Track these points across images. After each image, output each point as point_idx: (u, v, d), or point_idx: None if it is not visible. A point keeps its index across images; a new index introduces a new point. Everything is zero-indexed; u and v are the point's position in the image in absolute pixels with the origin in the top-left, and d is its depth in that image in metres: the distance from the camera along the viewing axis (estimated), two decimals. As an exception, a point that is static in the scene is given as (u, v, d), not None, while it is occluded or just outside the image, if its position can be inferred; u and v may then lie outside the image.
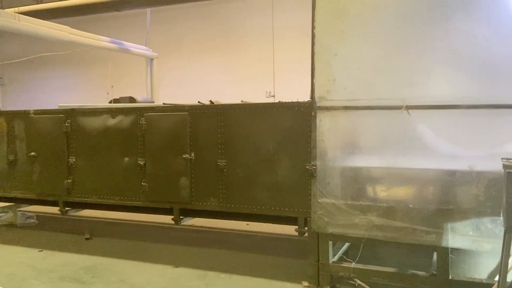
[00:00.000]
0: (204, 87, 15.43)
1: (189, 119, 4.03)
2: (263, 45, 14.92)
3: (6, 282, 3.71)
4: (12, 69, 18.01)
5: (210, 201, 4.01)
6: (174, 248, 4.76)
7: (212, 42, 15.73)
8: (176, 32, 16.32)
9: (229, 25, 15.53)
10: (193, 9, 15.43)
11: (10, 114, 4.96)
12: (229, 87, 15.09)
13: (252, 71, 15.09)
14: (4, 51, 19.34)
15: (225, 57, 15.57)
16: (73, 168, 4.58)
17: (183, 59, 16.26)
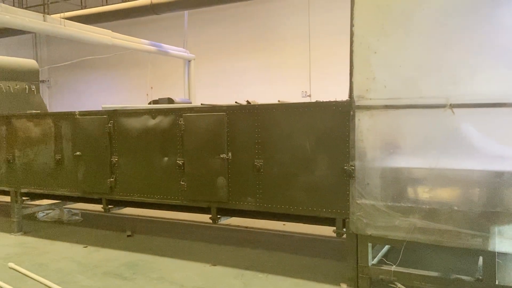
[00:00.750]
0: (240, 88, 15.55)
1: (226, 119, 4.06)
2: (299, 45, 14.87)
3: (54, 276, 3.89)
4: (58, 72, 18.89)
5: (247, 200, 4.03)
6: (212, 246, 4.82)
7: (248, 43, 15.83)
8: (213, 34, 16.55)
9: (266, 26, 15.56)
10: (230, 11, 15.58)
11: (57, 115, 5.17)
12: (265, 87, 15.14)
13: (288, 71, 15.06)
14: (50, 55, 20.32)
15: (261, 58, 15.62)
16: (115, 167, 4.72)
17: (220, 60, 16.46)
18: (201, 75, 16.74)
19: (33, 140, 5.24)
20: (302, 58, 14.80)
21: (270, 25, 15.47)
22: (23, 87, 6.60)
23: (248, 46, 15.84)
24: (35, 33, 17.27)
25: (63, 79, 20.00)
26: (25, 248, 4.86)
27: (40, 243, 5.05)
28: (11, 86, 6.43)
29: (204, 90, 16.47)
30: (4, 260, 4.38)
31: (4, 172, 5.45)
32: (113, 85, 19.01)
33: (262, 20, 15.62)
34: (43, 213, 6.26)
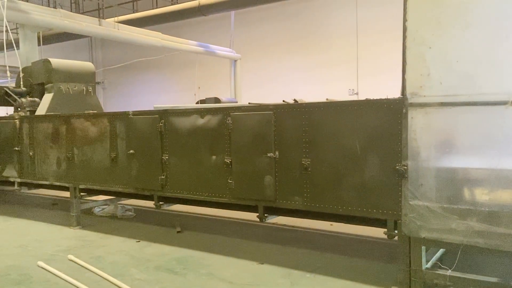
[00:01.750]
0: (286, 87, 15.52)
1: (273, 118, 4.06)
2: (346, 41, 14.59)
3: (109, 269, 4.07)
4: (111, 74, 19.79)
5: (294, 199, 4.01)
6: (258, 245, 4.84)
7: (294, 41, 15.75)
8: (259, 33, 16.63)
9: (312, 24, 15.42)
10: (276, 10, 15.58)
11: (112, 115, 5.40)
12: (311, 86, 15.01)
13: (335, 69, 14.82)
14: (105, 58, 21.30)
15: (307, 56, 15.50)
16: (166, 165, 4.86)
17: (266, 59, 16.51)
18: (247, 75, 16.88)
19: (90, 139, 5.51)
20: (349, 55, 14.52)
21: (317, 22, 15.30)
22: (81, 88, 6.98)
23: (294, 44, 15.77)
24: (91, 36, 18.21)
25: (116, 81, 20.93)
26: (83, 241, 5.13)
27: (97, 237, 5.31)
28: (70, 88, 6.81)
29: (250, 89, 16.60)
30: (64, 252, 4.65)
31: (64, 169, 5.78)
32: (162, 85, 19.63)
33: (309, 18, 15.48)
34: (99, 208, 6.58)
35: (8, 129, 6.36)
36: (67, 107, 6.56)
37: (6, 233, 5.65)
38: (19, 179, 6.37)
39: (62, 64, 6.83)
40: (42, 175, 6.04)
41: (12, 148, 6.28)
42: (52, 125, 5.88)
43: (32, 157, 6.08)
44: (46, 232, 5.65)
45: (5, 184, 7.27)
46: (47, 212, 6.95)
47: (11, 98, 6.89)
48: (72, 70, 6.91)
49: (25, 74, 7.24)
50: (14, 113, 6.87)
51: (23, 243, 5.10)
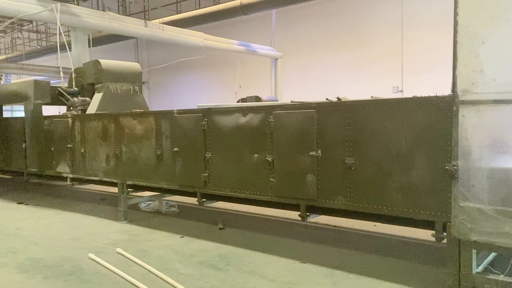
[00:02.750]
0: (327, 85, 15.33)
1: (316, 117, 4.03)
2: (390, 38, 14.20)
3: (155, 263, 4.21)
4: (156, 73, 20.38)
5: (337, 199, 3.96)
6: (300, 243, 4.83)
7: (336, 38, 15.53)
8: (300, 31, 16.53)
9: (355, 21, 15.12)
10: (318, 7, 15.42)
11: (157, 114, 5.56)
12: (353, 84, 14.73)
13: (379, 66, 14.47)
14: (150, 58, 21.97)
15: (349, 53, 15.22)
16: (209, 162, 4.94)
17: (307, 57, 16.39)
18: (288, 73, 16.83)
19: (137, 137, 5.71)
20: (393, 52, 14.11)
21: (360, 18, 14.99)
22: (128, 88, 7.24)
23: (336, 41, 15.54)
24: (137, 38, 18.83)
25: (160, 80, 21.54)
26: (130, 235, 5.33)
27: (143, 231, 5.50)
28: (119, 88, 7.09)
29: (290, 88, 16.55)
30: (112, 245, 4.85)
31: (112, 165, 6.02)
32: (204, 84, 19.98)
33: (351, 14, 15.20)
34: (145, 204, 6.81)
35: (62, 127, 6.71)
36: (115, 106, 6.83)
37: (60, 226, 5.97)
38: (71, 174, 6.72)
39: (111, 65, 7.12)
40: (93, 171, 6.33)
41: (65, 145, 6.63)
42: (101, 124, 6.15)
43: (83, 154, 6.38)
44: (96, 225, 5.91)
45: (58, 179, 7.70)
46: (96, 206, 7.28)
47: (64, 97, 7.27)
48: (120, 71, 7.19)
49: (77, 74, 7.62)
50: (67, 112, 7.24)
51: (75, 235, 5.37)
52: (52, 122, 6.87)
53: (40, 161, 6.89)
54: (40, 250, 4.78)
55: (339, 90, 11.93)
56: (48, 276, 3.96)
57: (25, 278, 3.94)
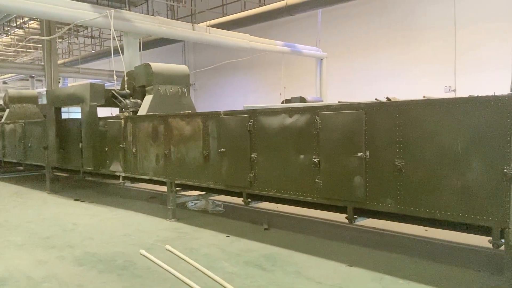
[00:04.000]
0: (374, 85, 14.97)
1: (364, 117, 3.95)
2: (442, 35, 13.63)
3: (203, 261, 4.29)
4: (202, 75, 20.82)
5: (386, 202, 3.86)
6: (347, 246, 4.75)
7: (383, 37, 15.12)
8: (346, 30, 16.26)
9: (403, 17, 14.66)
10: (364, 6, 15.10)
11: (205, 115, 5.67)
12: (402, 83, 14.28)
13: (429, 65, 13.94)
14: (196, 61, 22.47)
15: (398, 52, 14.77)
16: (254, 163, 4.98)
17: (353, 57, 16.08)
18: (333, 73, 16.59)
19: (185, 137, 5.86)
20: (445, 50, 13.53)
21: (409, 15, 14.50)
22: (176, 90, 7.45)
23: (384, 40, 15.13)
24: (184, 41, 19.33)
25: (206, 82, 21.97)
26: (178, 233, 5.48)
27: (190, 230, 5.64)
28: (168, 90, 7.31)
29: (336, 88, 16.31)
30: (162, 242, 5.01)
31: (162, 165, 6.22)
32: (249, 85, 20.14)
33: (399, 12, 14.74)
34: (192, 202, 6.97)
35: (115, 128, 7.03)
36: (165, 108, 7.05)
37: (113, 222, 6.25)
38: (124, 173, 7.01)
39: (161, 68, 7.36)
40: (143, 170, 6.57)
41: (118, 145, 6.93)
42: (151, 124, 6.37)
43: (135, 153, 6.64)
44: (146, 223, 6.13)
45: (111, 177, 8.07)
46: (146, 204, 7.54)
47: (117, 99, 7.60)
48: (170, 73, 7.41)
49: (129, 77, 7.94)
50: (120, 113, 7.57)
51: (127, 232, 5.60)
52: (106, 123, 7.21)
53: (95, 160, 7.25)
54: (95, 245, 5.03)
55: (387, 90, 11.60)
56: (102, 270, 4.16)
57: (82, 271, 4.16)
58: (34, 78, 28.56)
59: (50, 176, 8.98)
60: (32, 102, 11.75)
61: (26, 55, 32.11)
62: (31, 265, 4.35)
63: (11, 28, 24.31)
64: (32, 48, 28.29)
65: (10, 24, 23.13)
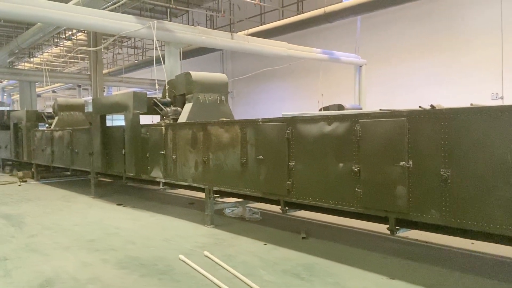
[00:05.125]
0: (415, 92, 14.56)
1: (407, 125, 3.85)
2: (488, 41, 13.10)
3: (240, 268, 4.30)
4: (239, 83, 21.04)
5: (430, 213, 3.72)
6: (388, 258, 4.60)
7: (425, 43, 14.71)
8: (386, 36, 15.95)
9: (446, 23, 14.21)
10: (405, 11, 14.77)
11: (243, 123, 5.71)
12: (444, 91, 13.82)
13: (474, 72, 13.41)
14: (234, 69, 22.76)
15: (440, 58, 14.32)
16: (292, 171, 4.95)
17: (393, 64, 15.73)
18: (372, 80, 16.29)
19: (223, 144, 5.92)
20: (491, 55, 12.96)
21: (451, 20, 14.03)
22: (215, 98, 7.57)
23: (425, 45, 14.71)
24: (223, 50, 19.66)
25: (243, 90, 22.19)
26: (215, 239, 5.53)
27: (228, 236, 5.67)
28: (207, 98, 7.44)
29: (375, 95, 15.99)
30: (200, 248, 5.07)
31: (200, 172, 6.32)
32: (286, 93, 20.14)
33: (442, 16, 14.29)
34: (229, 209, 7.02)
35: (156, 135, 7.22)
36: (204, 115, 7.17)
37: (153, 227, 6.40)
38: (164, 179, 7.17)
39: (201, 76, 7.51)
40: (182, 176, 6.69)
41: (158, 151, 7.11)
42: (191, 132, 6.49)
43: (175, 160, 6.79)
44: (185, 228, 6.23)
45: (151, 183, 8.28)
46: (185, 210, 7.67)
47: (158, 107, 7.81)
48: (209, 82, 7.55)
49: (170, 86, 8.15)
50: (161, 121, 7.77)
51: (167, 237, 5.71)
52: (147, 131, 7.43)
53: (137, 166, 7.47)
54: (137, 249, 5.16)
55: (428, 97, 11.25)
56: (144, 274, 4.26)
57: (124, 274, 4.27)
58: (81, 87, 29.96)
59: (94, 181, 9.34)
60: (79, 110, 12.31)
61: (73, 65, 33.79)
62: (77, 267, 4.52)
63: (60, 39, 25.68)
64: (79, 58, 29.73)
65: (60, 36, 24.43)
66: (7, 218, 7.13)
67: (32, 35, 15.60)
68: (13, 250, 5.19)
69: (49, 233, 6.06)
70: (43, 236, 5.85)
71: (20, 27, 21.66)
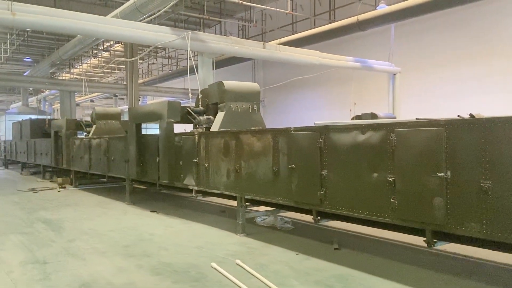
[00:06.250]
0: (451, 100, 14.13)
1: (445, 135, 3.74)
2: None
3: (272, 277, 4.27)
4: (270, 92, 21.09)
5: (469, 226, 3.58)
6: (425, 272, 4.45)
7: (462, 50, 14.29)
8: (421, 44, 15.61)
9: (485, 30, 13.77)
10: (441, 18, 14.42)
11: (275, 131, 5.71)
12: (482, 99, 13.34)
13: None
14: (265, 78, 22.87)
15: (478, 66, 13.86)
16: (325, 180, 4.89)
17: (428, 72, 15.36)
18: (406, 89, 15.94)
19: (255, 153, 5.94)
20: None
21: (491, 26, 13.57)
22: (247, 107, 7.63)
23: (462, 53, 14.28)
24: (254, 59, 19.82)
25: (275, 99, 22.23)
26: (247, 248, 5.53)
27: (259, 245, 5.66)
28: (239, 106, 7.51)
29: (409, 104, 15.63)
30: (232, 256, 5.08)
31: (232, 180, 6.36)
32: (317, 102, 20.03)
33: (480, 23, 13.85)
34: (261, 218, 7.01)
35: (189, 143, 7.34)
36: (236, 124, 7.23)
37: (186, 234, 6.48)
38: (196, 187, 7.27)
39: (233, 85, 7.59)
40: (215, 184, 6.76)
41: (191, 159, 7.22)
42: (223, 140, 6.56)
43: (207, 168, 6.87)
44: (216, 236, 6.27)
45: (184, 191, 8.40)
46: (217, 218, 7.73)
47: (192, 116, 7.95)
48: (241, 91, 7.62)
49: (203, 95, 8.29)
50: (194, 129, 7.90)
51: (199, 244, 5.77)
52: (181, 139, 7.56)
53: (170, 173, 7.61)
54: (170, 255, 5.24)
55: (465, 106, 10.88)
56: (177, 280, 4.31)
57: (157, 280, 4.34)
58: (117, 96, 30.96)
59: (129, 188, 9.58)
60: (116, 119, 12.70)
61: (111, 76, 35.01)
62: (112, 272, 4.64)
63: (98, 51, 26.71)
64: (116, 69, 30.77)
65: (98, 47, 25.41)
66: (47, 223, 7.42)
67: (73, 47, 16.32)
68: (52, 254, 5.38)
69: (87, 238, 6.26)
70: (80, 241, 6.05)
71: (62, 39, 22.70)
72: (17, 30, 21.53)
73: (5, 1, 8.57)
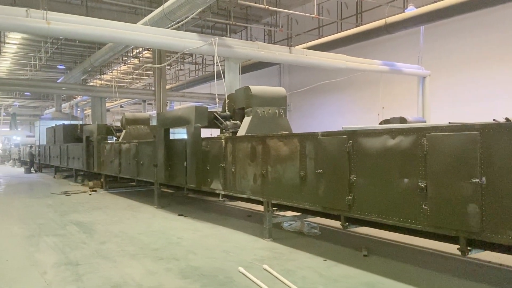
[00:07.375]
0: (483, 104, 13.71)
1: (479, 139, 3.62)
2: None
3: (299, 283, 4.24)
4: (296, 97, 21.02)
5: (506, 233, 3.45)
6: (459, 281, 4.31)
7: (495, 52, 13.86)
8: (451, 47, 15.23)
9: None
10: (471, 20, 14.03)
11: (302, 136, 5.68)
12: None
13: (554, 80, 12.36)
14: (291, 82, 22.83)
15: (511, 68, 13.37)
16: (353, 186, 4.82)
17: (459, 75, 14.96)
18: (436, 92, 15.56)
19: (281, 158, 5.93)
20: None
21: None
22: (274, 111, 7.63)
23: (495, 55, 13.83)
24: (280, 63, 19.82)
25: (300, 103, 22.14)
26: (274, 253, 5.51)
27: (286, 250, 5.63)
28: (266, 111, 7.52)
29: (439, 108, 15.24)
30: (259, 261, 5.08)
31: (259, 184, 6.36)
32: (344, 106, 19.81)
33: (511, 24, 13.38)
34: (288, 223, 6.97)
35: (216, 148, 7.40)
36: (262, 129, 7.24)
37: (213, 238, 6.52)
38: (223, 191, 7.31)
39: (259, 90, 7.62)
40: (241, 188, 6.78)
41: (218, 164, 7.27)
42: (250, 145, 6.58)
43: (234, 172, 6.90)
44: (243, 240, 6.28)
45: (211, 195, 8.46)
46: (243, 222, 7.74)
47: (218, 121, 8.02)
48: (267, 95, 7.63)
49: (229, 100, 8.35)
50: (220, 134, 7.97)
51: (226, 248, 5.79)
52: (208, 144, 7.63)
53: (197, 178, 7.69)
54: (198, 259, 5.28)
55: (498, 110, 10.51)
56: (205, 284, 4.34)
57: (186, 283, 4.38)
58: (146, 102, 31.60)
59: (158, 192, 9.74)
60: (145, 124, 12.96)
61: (139, 82, 35.79)
62: (142, 274, 4.71)
63: (128, 58, 27.37)
64: (144, 75, 31.45)
65: (128, 54, 26.04)
66: (79, 225, 7.63)
67: (104, 54, 16.80)
68: (84, 256, 5.53)
69: (117, 240, 6.39)
70: (111, 243, 6.18)
71: (93, 47, 23.41)
72: (51, 39, 22.37)
73: (40, 11, 8.92)
